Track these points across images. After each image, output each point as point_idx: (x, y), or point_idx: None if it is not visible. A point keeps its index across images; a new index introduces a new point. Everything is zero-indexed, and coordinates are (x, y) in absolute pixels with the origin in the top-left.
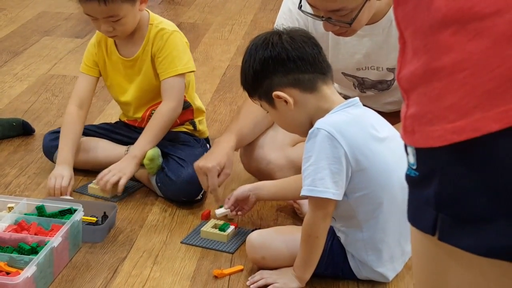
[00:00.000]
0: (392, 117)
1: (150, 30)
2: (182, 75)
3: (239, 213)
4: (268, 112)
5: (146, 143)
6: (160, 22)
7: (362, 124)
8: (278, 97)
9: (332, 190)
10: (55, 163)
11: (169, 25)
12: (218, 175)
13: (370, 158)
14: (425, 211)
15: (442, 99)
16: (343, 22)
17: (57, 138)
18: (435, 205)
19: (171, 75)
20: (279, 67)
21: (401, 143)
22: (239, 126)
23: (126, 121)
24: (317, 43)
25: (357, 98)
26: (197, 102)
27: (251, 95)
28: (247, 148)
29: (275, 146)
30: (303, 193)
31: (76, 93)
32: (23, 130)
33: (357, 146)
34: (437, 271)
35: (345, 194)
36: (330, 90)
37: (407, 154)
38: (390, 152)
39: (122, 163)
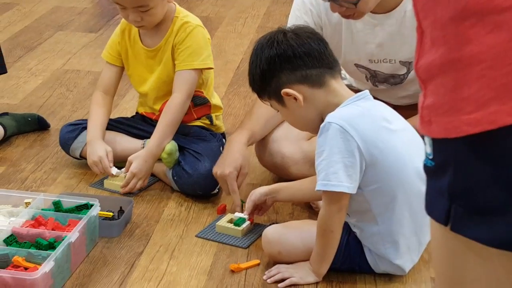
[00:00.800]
0: (407, 110)
1: (175, 22)
2: (197, 70)
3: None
4: (278, 111)
5: (163, 139)
6: (185, 15)
7: (373, 117)
8: (287, 94)
9: (346, 184)
10: (72, 156)
11: (194, 19)
12: (237, 178)
13: (383, 150)
14: (439, 201)
15: (459, 90)
16: (349, 2)
17: (74, 130)
18: (449, 195)
19: (186, 68)
20: (286, 64)
21: (413, 134)
22: (251, 123)
23: (144, 113)
24: (322, 38)
25: (367, 91)
26: (215, 99)
27: (261, 95)
28: (262, 142)
29: (290, 140)
30: (317, 188)
31: (101, 81)
32: (38, 125)
33: (370, 138)
34: (456, 262)
35: (359, 187)
36: (339, 84)
37: (425, 143)
38: (403, 144)
39: (140, 161)
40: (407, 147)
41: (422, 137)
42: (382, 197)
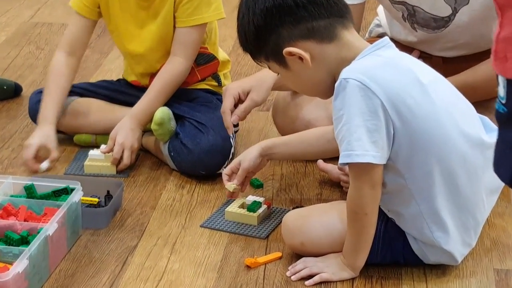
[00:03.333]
0: (452, 63)
1: None
2: (203, 25)
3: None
4: (279, 74)
5: (152, 106)
6: None
7: (398, 67)
8: (291, 54)
9: (371, 152)
10: None
11: None
12: (240, 100)
13: (413, 108)
14: (507, 156)
15: None
16: None
17: None
18: None
19: (192, 25)
20: (286, 17)
21: (451, 87)
22: None
23: (132, 82)
24: None
25: (386, 38)
26: (221, 54)
27: (255, 56)
28: (282, 106)
29: (316, 103)
30: (341, 161)
31: (66, 37)
32: (14, 94)
33: (396, 93)
34: None
35: (389, 159)
36: (352, 35)
37: (498, 84)
38: (439, 99)
39: (126, 131)
40: (445, 103)
41: (497, 76)
42: (420, 168)
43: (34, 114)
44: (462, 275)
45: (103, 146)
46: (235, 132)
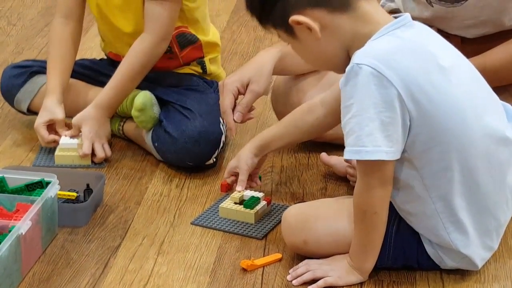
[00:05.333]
0: (473, 44)
1: None
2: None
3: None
4: (288, 44)
5: (120, 90)
6: None
7: (418, 51)
8: (298, 23)
9: (384, 148)
10: (18, 110)
11: None
12: (240, 93)
13: (433, 97)
14: None
15: None
16: None
17: (21, 75)
18: None
19: None
20: None
21: (475, 72)
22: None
23: (112, 55)
24: None
25: (407, 14)
26: (209, 34)
27: (263, 23)
28: (282, 91)
29: (320, 87)
30: (348, 156)
31: (60, 2)
32: None
33: (415, 82)
34: None
35: (404, 151)
36: (371, 6)
37: None
38: (460, 88)
39: (92, 123)
40: (467, 93)
41: None
42: (437, 162)
43: (6, 91)
44: (483, 279)
45: (66, 133)
46: None
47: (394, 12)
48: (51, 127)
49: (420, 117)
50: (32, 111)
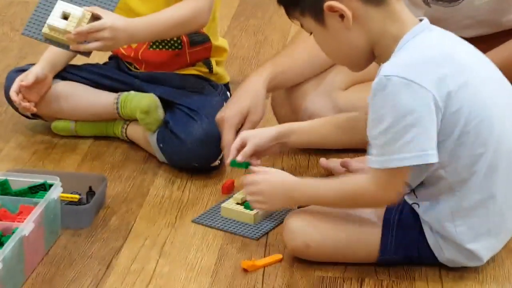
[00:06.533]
0: (474, 44)
1: None
2: None
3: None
4: (312, 33)
5: (148, 24)
6: None
7: (441, 55)
8: (332, 9)
9: (429, 152)
10: (21, 113)
11: None
12: (242, 126)
13: (465, 97)
14: None
15: None
16: None
17: None
18: None
19: None
20: None
21: (494, 69)
22: (277, 60)
23: (122, 55)
24: None
25: (425, 21)
26: (219, 39)
27: (290, 8)
28: (282, 95)
29: (320, 93)
30: (393, 164)
31: None
32: None
33: (444, 84)
34: None
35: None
36: (400, 6)
37: None
38: (487, 82)
39: (118, 33)
40: (492, 86)
41: None
42: (463, 158)
43: (9, 94)
44: (482, 279)
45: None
46: None
47: None
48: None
49: (451, 113)
50: (36, 115)
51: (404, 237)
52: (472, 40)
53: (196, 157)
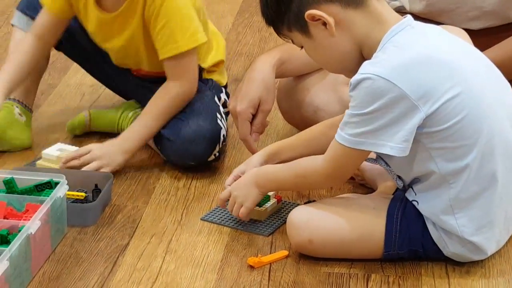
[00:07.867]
0: (478, 36)
1: None
2: (182, 52)
3: None
4: (302, 47)
5: (146, 133)
6: None
7: (422, 52)
8: (314, 18)
9: (390, 144)
10: None
11: None
12: (254, 117)
13: (442, 89)
14: None
15: None
16: None
17: None
18: None
19: (172, 54)
20: None
21: (481, 57)
22: (286, 46)
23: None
24: None
25: (408, 16)
26: (209, 56)
27: (278, 25)
28: (287, 89)
29: (325, 86)
30: (338, 138)
31: (37, 22)
32: None
33: (422, 82)
34: None
35: (421, 142)
36: (381, 5)
37: None
38: (474, 74)
39: (108, 148)
40: (477, 79)
41: None
42: (453, 150)
43: None
44: (489, 274)
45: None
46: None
47: (398, 11)
48: None
49: (436, 111)
50: None
51: (408, 232)
52: (480, 33)
53: (190, 156)
